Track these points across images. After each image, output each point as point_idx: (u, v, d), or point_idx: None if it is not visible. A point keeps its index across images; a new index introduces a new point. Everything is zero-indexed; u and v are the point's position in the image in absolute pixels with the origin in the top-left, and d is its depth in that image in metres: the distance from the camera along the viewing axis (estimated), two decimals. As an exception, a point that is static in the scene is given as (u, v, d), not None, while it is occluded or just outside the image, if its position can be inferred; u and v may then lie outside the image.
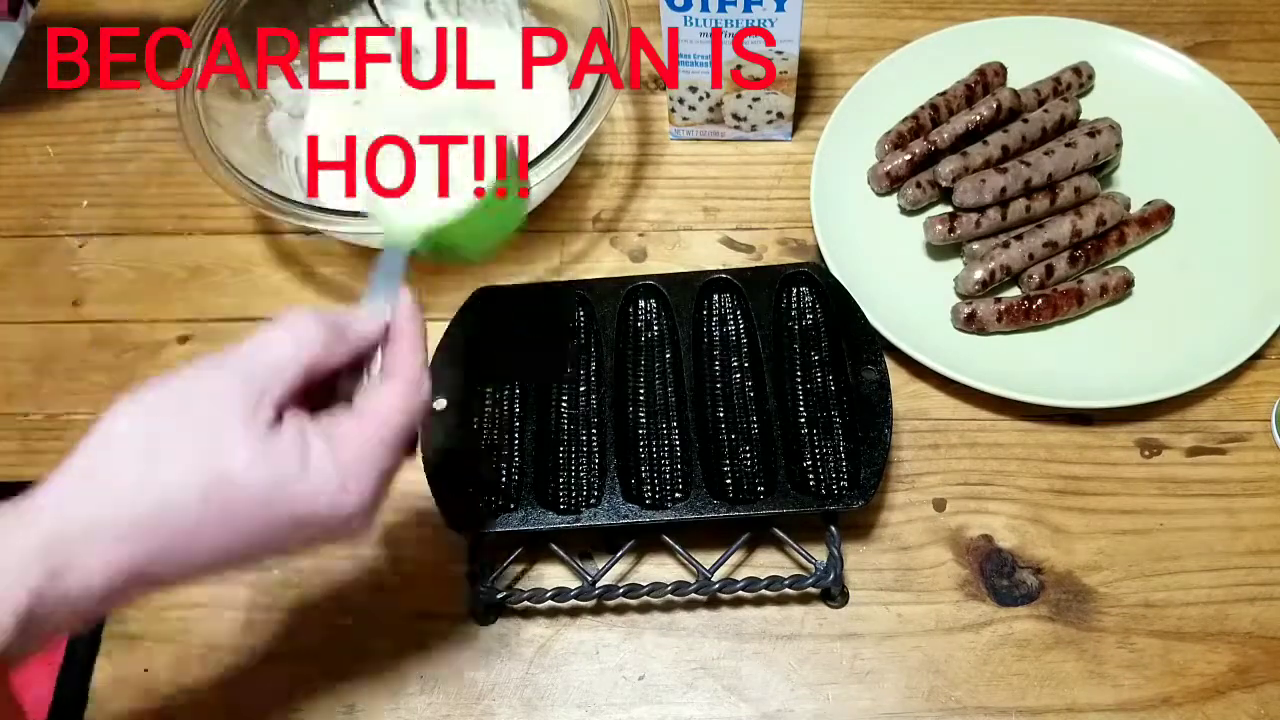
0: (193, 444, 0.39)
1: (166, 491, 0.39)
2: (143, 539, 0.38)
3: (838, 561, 0.58)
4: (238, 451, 0.39)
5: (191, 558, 0.40)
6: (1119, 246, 0.70)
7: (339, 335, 0.43)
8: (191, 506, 0.39)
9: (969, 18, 0.81)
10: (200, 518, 0.39)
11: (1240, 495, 0.63)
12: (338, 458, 0.41)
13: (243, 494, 0.39)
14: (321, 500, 0.41)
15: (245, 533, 0.40)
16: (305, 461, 0.40)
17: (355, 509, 0.42)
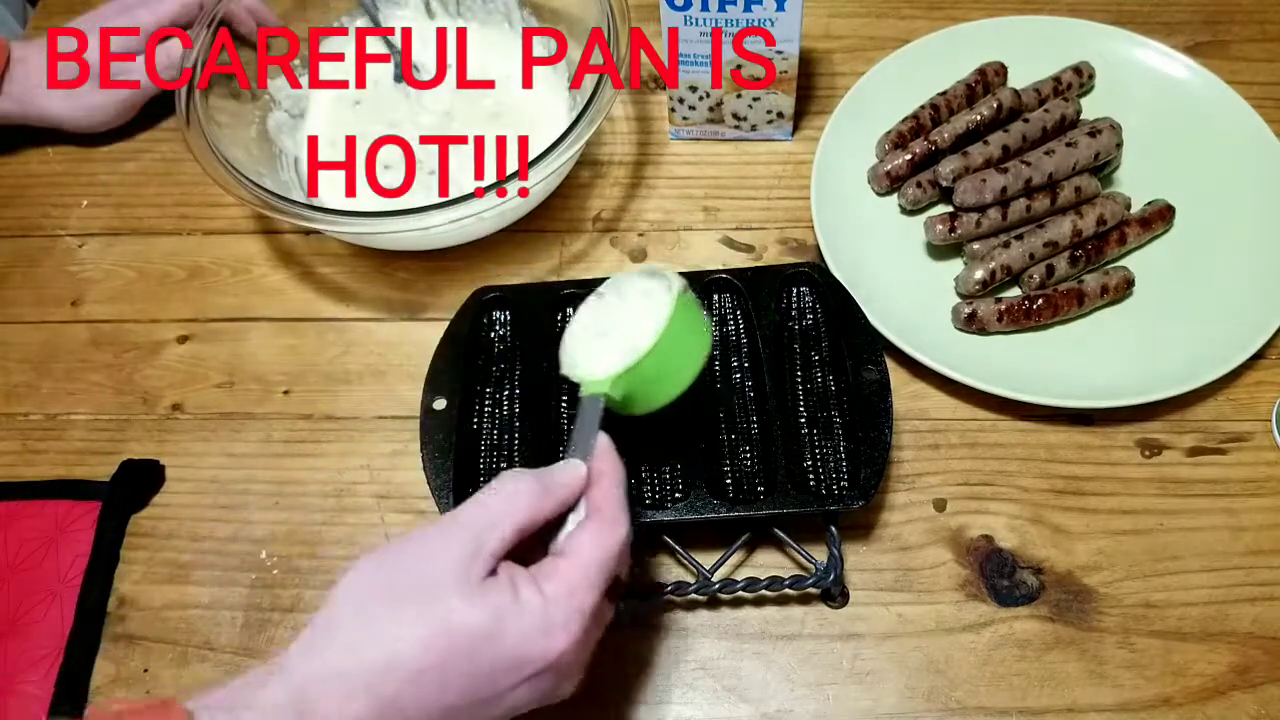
0: (415, 598, 0.43)
1: (393, 643, 0.42)
2: (374, 689, 0.41)
3: (838, 561, 0.58)
4: (453, 601, 0.42)
5: (419, 708, 0.42)
6: (1119, 246, 0.70)
7: (546, 492, 0.46)
8: (415, 655, 0.41)
9: (969, 18, 0.81)
10: (422, 665, 0.41)
11: (1240, 495, 0.63)
12: (545, 599, 0.44)
13: (459, 639, 0.42)
14: (533, 637, 0.43)
15: (464, 676, 0.42)
16: (516, 604, 0.43)
17: (565, 646, 0.43)
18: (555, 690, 0.45)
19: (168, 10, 0.78)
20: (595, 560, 0.45)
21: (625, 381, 0.51)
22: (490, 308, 0.67)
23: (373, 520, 0.64)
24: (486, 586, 0.43)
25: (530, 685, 0.44)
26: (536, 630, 0.43)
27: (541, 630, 0.43)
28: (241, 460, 0.67)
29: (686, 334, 0.52)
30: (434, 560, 0.43)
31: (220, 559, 0.64)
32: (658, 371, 0.51)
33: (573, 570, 0.45)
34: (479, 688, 0.43)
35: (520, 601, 0.43)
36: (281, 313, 0.74)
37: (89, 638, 0.61)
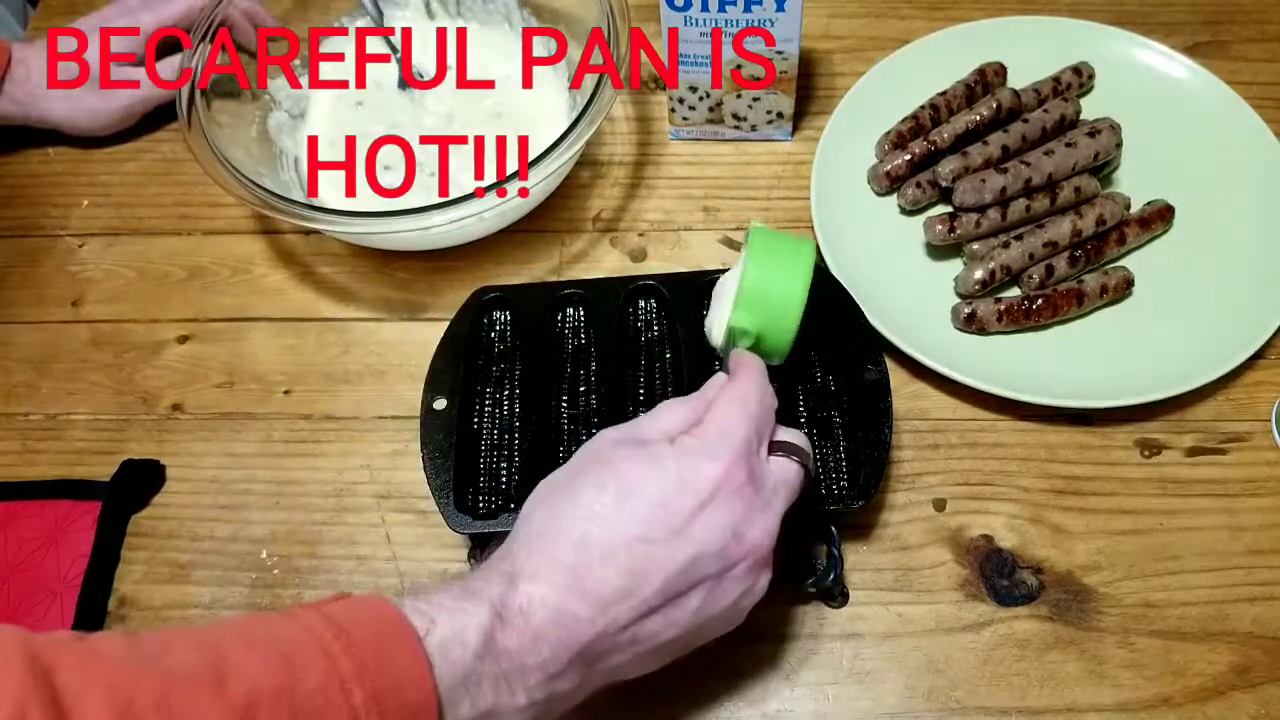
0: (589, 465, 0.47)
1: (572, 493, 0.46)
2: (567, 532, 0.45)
3: (838, 561, 0.58)
4: (618, 453, 0.47)
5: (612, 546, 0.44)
6: (1119, 246, 0.70)
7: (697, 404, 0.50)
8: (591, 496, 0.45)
9: (969, 18, 0.81)
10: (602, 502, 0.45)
11: (1240, 495, 0.63)
12: (698, 438, 0.47)
13: (626, 475, 0.45)
14: (694, 465, 0.45)
15: (644, 504, 0.45)
16: (671, 448, 0.47)
17: (728, 465, 0.45)
18: (745, 526, 0.46)
19: (170, 13, 0.78)
20: (735, 399, 0.48)
21: (745, 308, 0.53)
22: (490, 308, 0.67)
23: (373, 520, 0.64)
24: (646, 441, 0.47)
25: (711, 513, 0.45)
26: (697, 457, 0.46)
27: (702, 456, 0.46)
28: (241, 460, 0.67)
29: (777, 246, 0.55)
30: (597, 444, 0.48)
31: (220, 559, 0.64)
32: (768, 283, 0.54)
33: (717, 412, 0.48)
34: (660, 516, 0.44)
35: (677, 444, 0.47)
36: (281, 313, 0.74)
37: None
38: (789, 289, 0.54)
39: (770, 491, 0.47)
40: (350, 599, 0.42)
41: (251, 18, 0.76)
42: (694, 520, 0.45)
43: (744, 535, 0.46)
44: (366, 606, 0.41)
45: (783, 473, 0.49)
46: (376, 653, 0.39)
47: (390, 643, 0.39)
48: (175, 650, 0.37)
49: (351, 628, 0.39)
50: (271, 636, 0.39)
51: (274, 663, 0.37)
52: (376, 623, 0.40)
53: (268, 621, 0.40)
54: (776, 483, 0.48)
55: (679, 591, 0.45)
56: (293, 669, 0.37)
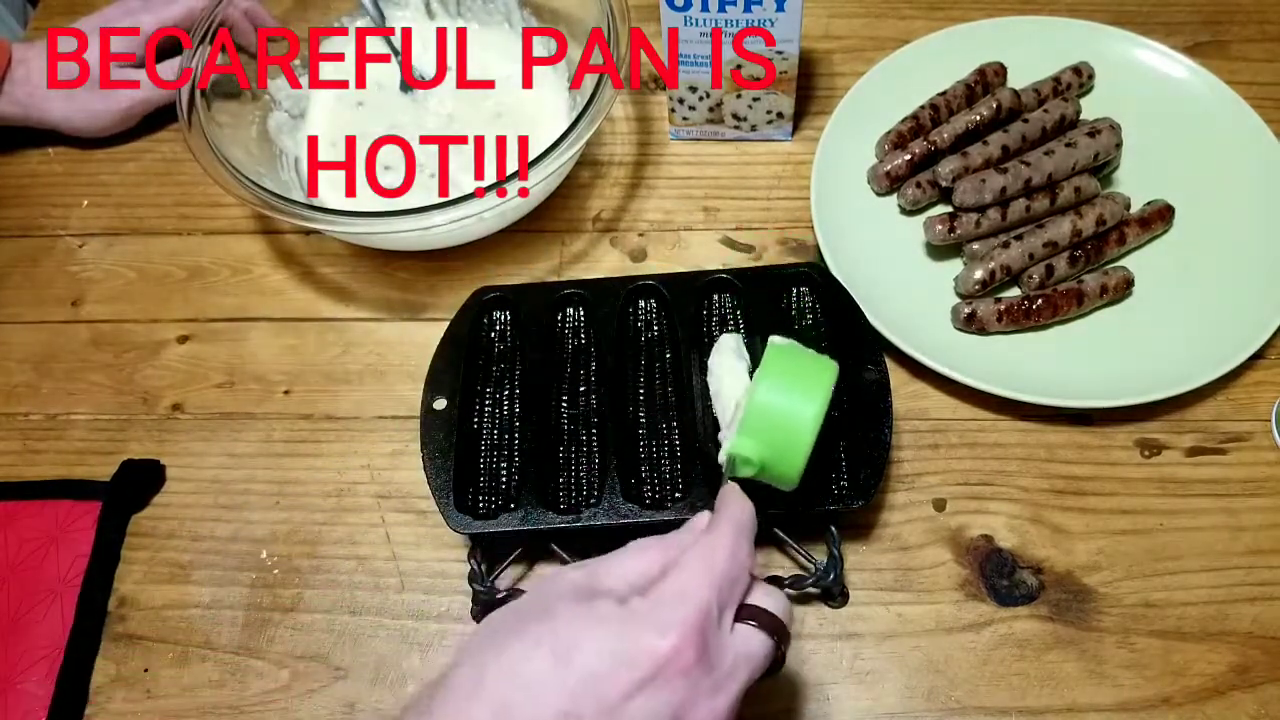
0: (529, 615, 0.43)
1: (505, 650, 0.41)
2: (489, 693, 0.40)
3: (838, 561, 0.58)
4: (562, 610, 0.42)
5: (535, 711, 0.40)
6: (1119, 246, 0.70)
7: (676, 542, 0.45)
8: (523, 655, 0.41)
9: (969, 18, 0.81)
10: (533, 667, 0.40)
11: (1240, 495, 0.63)
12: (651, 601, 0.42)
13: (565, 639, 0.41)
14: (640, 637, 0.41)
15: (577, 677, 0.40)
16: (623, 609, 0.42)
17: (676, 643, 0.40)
18: (688, 708, 0.41)
19: (170, 13, 0.78)
20: (700, 558, 0.43)
21: (749, 435, 0.50)
22: (490, 308, 0.67)
23: (373, 520, 0.64)
24: (595, 599, 0.42)
25: (650, 693, 0.40)
26: (642, 627, 0.41)
27: (648, 626, 0.41)
28: (242, 460, 0.67)
29: (793, 367, 0.51)
30: (550, 586, 0.44)
31: (220, 559, 0.64)
32: (770, 423, 0.50)
33: (678, 571, 0.43)
34: (593, 690, 0.40)
35: (627, 606, 0.42)
36: (281, 313, 0.74)
37: (89, 637, 0.61)
38: (801, 420, 0.50)
39: (725, 672, 0.42)
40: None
41: (251, 18, 0.76)
42: (628, 702, 0.40)
43: (688, 715, 0.41)
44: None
45: (745, 645, 0.43)
46: None
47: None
48: None
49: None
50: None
51: None
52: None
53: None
54: (736, 659, 0.43)
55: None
56: None
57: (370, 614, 0.61)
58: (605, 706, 0.40)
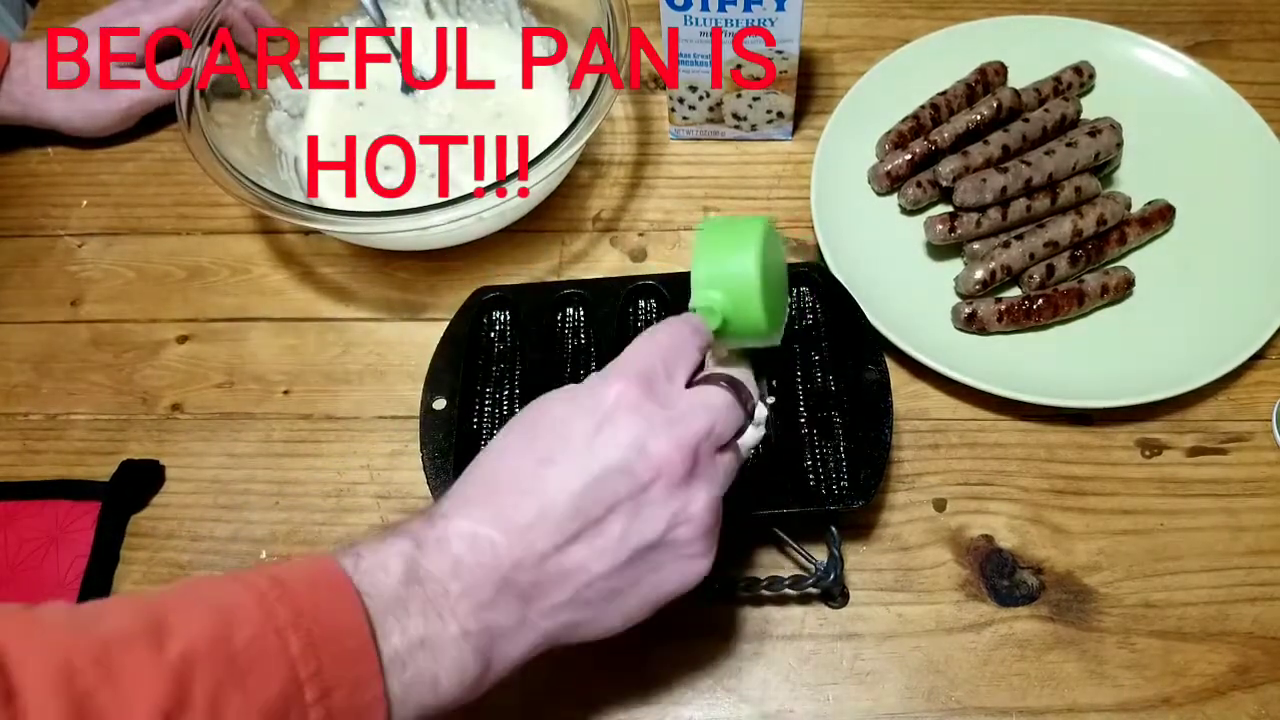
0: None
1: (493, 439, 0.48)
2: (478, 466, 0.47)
3: (838, 562, 0.58)
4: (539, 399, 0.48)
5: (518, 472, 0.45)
6: (1119, 246, 0.70)
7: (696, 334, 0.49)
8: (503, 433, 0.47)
9: (969, 18, 0.81)
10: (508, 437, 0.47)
11: (1240, 495, 0.63)
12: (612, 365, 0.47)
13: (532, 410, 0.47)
14: (589, 386, 0.46)
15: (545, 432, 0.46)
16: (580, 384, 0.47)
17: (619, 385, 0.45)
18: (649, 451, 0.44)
19: (170, 14, 0.78)
20: (644, 339, 0.48)
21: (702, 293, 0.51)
22: (490, 308, 0.67)
23: (373, 520, 0.64)
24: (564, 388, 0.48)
25: (611, 431, 0.44)
26: (594, 381, 0.46)
27: (599, 379, 0.46)
28: (241, 460, 0.67)
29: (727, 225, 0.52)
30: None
31: (220, 559, 0.64)
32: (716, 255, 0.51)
33: (633, 347, 0.48)
34: (559, 434, 0.45)
35: (584, 382, 0.47)
36: (281, 313, 0.74)
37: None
38: (741, 261, 0.50)
39: (682, 413, 0.46)
40: (293, 558, 0.43)
41: (251, 18, 0.76)
42: (593, 438, 0.44)
43: (648, 449, 0.44)
44: (304, 560, 0.42)
45: (701, 395, 0.47)
46: (312, 601, 0.39)
47: (324, 589, 0.40)
48: (114, 614, 0.38)
49: (288, 579, 0.40)
50: (211, 593, 0.40)
51: (210, 616, 0.38)
52: (311, 572, 0.41)
53: (210, 581, 0.41)
54: (692, 404, 0.46)
55: (595, 517, 0.44)
56: (229, 620, 0.38)
57: (370, 614, 0.61)
58: (574, 446, 0.45)
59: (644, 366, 0.47)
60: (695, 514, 0.45)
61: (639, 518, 0.44)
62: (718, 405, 0.47)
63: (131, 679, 0.35)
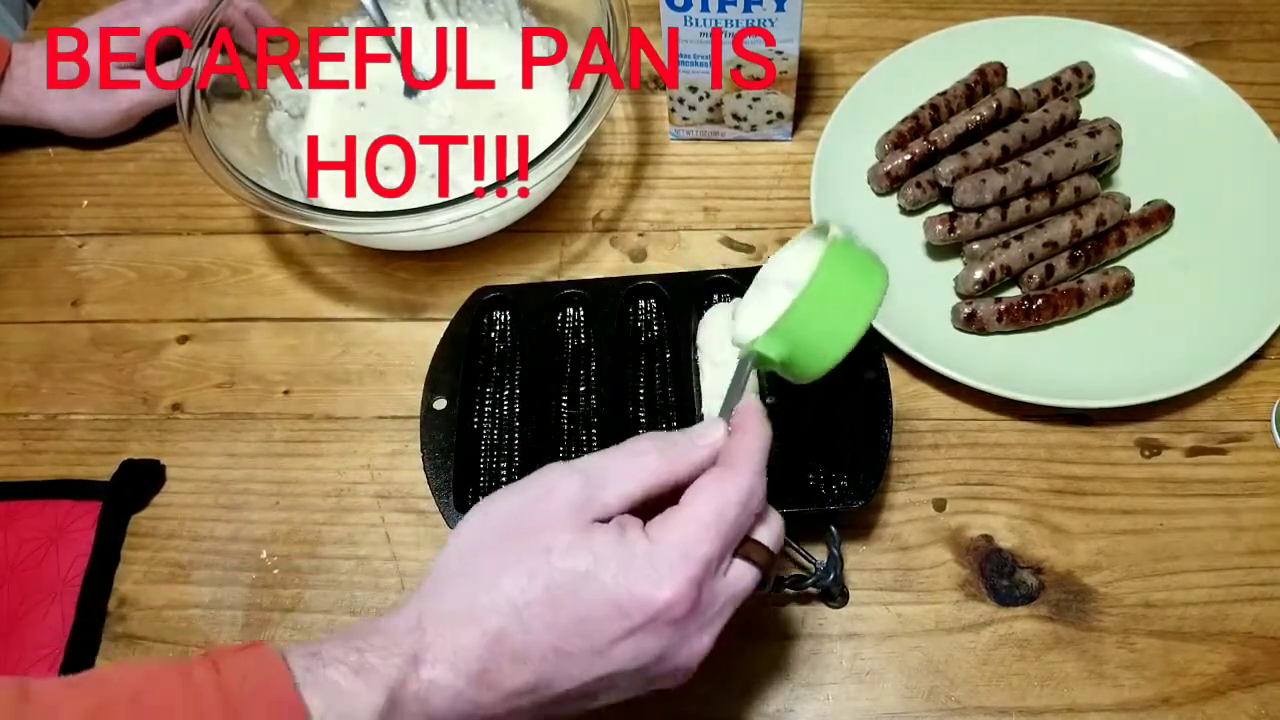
0: (522, 538, 0.43)
1: (498, 579, 0.42)
2: (481, 622, 0.41)
3: (838, 561, 0.58)
4: (557, 539, 0.42)
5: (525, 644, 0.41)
6: (1119, 246, 0.70)
7: (679, 452, 0.45)
8: (518, 590, 0.41)
9: (969, 18, 0.81)
10: (525, 600, 0.41)
11: (1240, 495, 0.63)
12: (652, 543, 0.42)
13: (560, 576, 0.41)
14: (635, 584, 0.41)
15: (568, 616, 0.41)
16: (621, 547, 0.42)
17: (672, 596, 0.41)
18: (672, 653, 0.42)
19: (171, 15, 0.78)
20: (714, 506, 0.42)
21: (777, 342, 0.46)
22: (490, 308, 0.67)
23: (373, 520, 0.64)
24: (593, 529, 0.42)
25: (638, 640, 0.41)
26: (640, 574, 0.41)
27: (645, 575, 0.41)
28: (241, 460, 0.67)
29: (845, 278, 0.47)
30: (545, 503, 0.43)
31: (220, 559, 0.64)
32: (813, 324, 0.46)
33: (687, 515, 0.42)
34: (583, 632, 0.41)
35: (626, 544, 0.42)
36: (281, 313, 0.74)
37: (89, 638, 0.61)
38: (842, 329, 0.47)
39: (714, 613, 0.43)
40: (253, 655, 0.40)
41: (252, 18, 0.76)
42: (618, 644, 0.41)
43: (670, 659, 0.43)
44: (262, 679, 0.39)
45: (737, 584, 0.44)
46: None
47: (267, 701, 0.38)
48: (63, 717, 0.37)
49: (244, 710, 0.38)
50: (159, 709, 0.38)
51: None
52: (270, 706, 0.39)
53: (162, 686, 0.39)
54: (725, 600, 0.43)
55: (589, 694, 0.43)
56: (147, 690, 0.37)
57: (370, 614, 0.61)
58: (594, 647, 0.41)
59: (703, 571, 0.42)
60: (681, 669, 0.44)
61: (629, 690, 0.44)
62: (746, 591, 0.44)
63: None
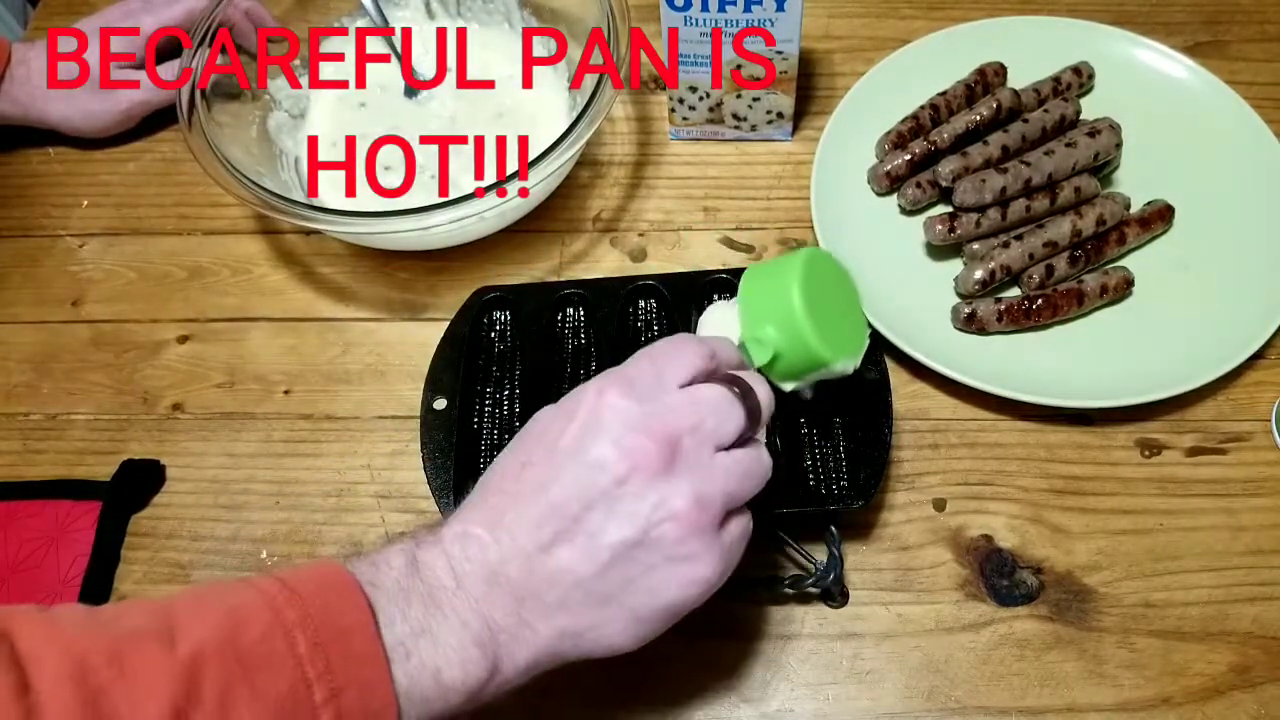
0: None
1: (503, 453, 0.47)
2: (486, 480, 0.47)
3: (838, 561, 0.58)
4: None
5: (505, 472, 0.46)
6: (1119, 246, 0.70)
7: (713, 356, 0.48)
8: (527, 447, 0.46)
9: (969, 18, 0.81)
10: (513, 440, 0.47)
11: (1240, 495, 0.63)
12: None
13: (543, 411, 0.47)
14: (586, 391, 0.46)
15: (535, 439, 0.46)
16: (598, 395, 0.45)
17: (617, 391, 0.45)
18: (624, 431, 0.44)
19: (171, 15, 0.78)
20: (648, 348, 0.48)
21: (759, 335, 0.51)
22: (490, 308, 0.67)
23: (373, 520, 0.64)
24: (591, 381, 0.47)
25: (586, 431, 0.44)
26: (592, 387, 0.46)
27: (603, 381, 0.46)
28: (242, 460, 0.67)
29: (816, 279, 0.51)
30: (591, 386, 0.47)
31: (221, 559, 0.64)
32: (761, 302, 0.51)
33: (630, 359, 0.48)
34: (540, 442, 0.45)
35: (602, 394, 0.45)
36: (281, 313, 0.74)
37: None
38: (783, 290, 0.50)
39: (665, 406, 0.45)
40: (300, 564, 0.43)
41: (252, 18, 0.76)
42: (570, 438, 0.45)
43: (623, 442, 0.43)
44: (312, 564, 0.43)
45: (691, 392, 0.46)
46: (319, 601, 0.40)
47: (331, 590, 0.41)
48: (129, 615, 0.39)
49: (295, 582, 0.41)
50: (220, 596, 0.40)
51: (220, 617, 0.39)
52: (318, 574, 0.42)
53: (221, 585, 0.42)
54: (678, 400, 0.45)
55: (571, 514, 0.43)
56: (238, 621, 0.39)
57: (370, 614, 0.61)
58: (549, 446, 0.45)
59: (631, 371, 0.46)
60: (678, 509, 0.43)
61: (615, 513, 0.43)
62: (709, 399, 0.45)
63: (143, 676, 0.36)
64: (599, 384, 0.46)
